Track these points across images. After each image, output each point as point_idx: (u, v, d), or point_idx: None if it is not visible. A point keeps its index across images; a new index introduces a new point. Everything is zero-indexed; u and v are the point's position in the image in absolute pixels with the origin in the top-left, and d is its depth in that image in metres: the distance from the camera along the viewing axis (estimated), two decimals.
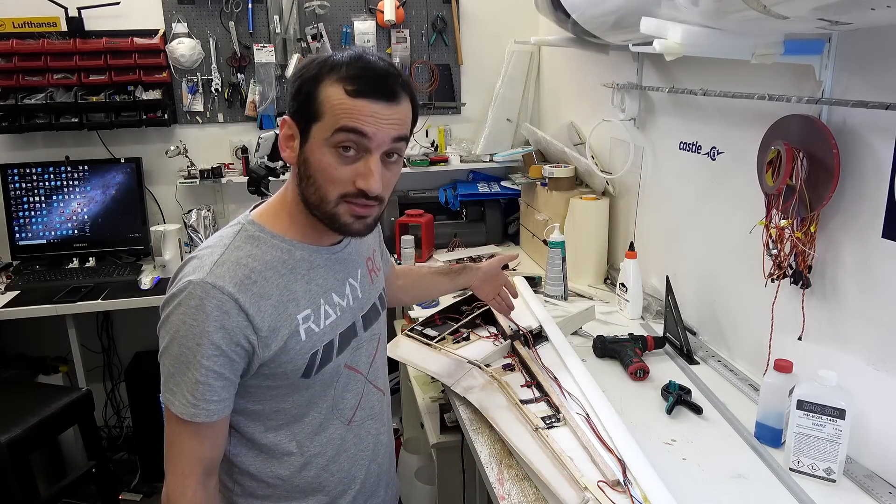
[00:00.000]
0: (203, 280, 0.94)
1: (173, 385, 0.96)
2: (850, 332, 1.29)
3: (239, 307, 0.94)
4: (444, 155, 3.01)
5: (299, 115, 0.98)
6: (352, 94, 0.94)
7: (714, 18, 1.15)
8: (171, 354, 0.96)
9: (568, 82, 2.77)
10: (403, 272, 1.57)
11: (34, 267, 2.80)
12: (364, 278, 1.16)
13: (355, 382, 1.12)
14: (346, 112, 0.94)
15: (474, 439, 1.38)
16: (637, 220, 2.16)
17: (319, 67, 0.96)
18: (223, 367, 0.95)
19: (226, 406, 0.99)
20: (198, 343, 0.93)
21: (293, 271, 1.02)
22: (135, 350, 3.05)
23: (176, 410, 0.96)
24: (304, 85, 0.97)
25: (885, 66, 1.17)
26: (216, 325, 0.93)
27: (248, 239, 1.01)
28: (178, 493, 0.98)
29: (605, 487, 1.11)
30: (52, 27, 2.70)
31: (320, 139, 0.96)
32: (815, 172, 1.28)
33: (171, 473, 0.98)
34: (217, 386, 0.96)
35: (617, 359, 1.69)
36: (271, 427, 1.06)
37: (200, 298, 0.93)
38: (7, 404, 2.26)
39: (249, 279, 0.97)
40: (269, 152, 2.68)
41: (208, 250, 0.99)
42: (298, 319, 1.01)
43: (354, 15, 2.93)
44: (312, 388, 1.06)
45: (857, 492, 1.17)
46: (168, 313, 0.96)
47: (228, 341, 0.94)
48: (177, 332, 0.95)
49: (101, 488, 2.43)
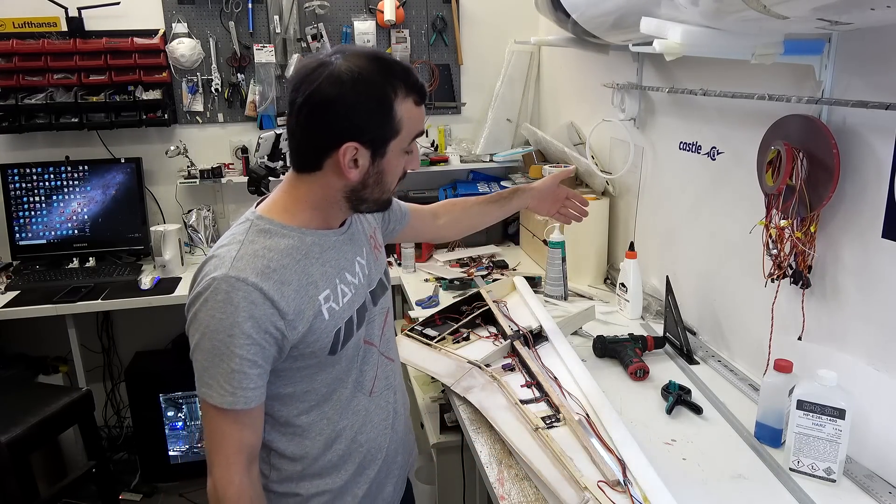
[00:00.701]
0: (226, 275, 0.98)
1: (209, 378, 0.99)
2: (850, 332, 1.29)
3: (264, 296, 0.98)
4: (444, 155, 3.01)
5: (371, 135, 1.02)
6: (418, 102, 1.05)
7: (714, 18, 1.15)
8: (204, 350, 0.99)
9: (568, 82, 2.77)
10: (445, 209, 1.59)
11: (34, 267, 2.80)
12: (370, 255, 1.21)
13: (371, 355, 1.18)
14: (417, 121, 1.06)
15: (474, 439, 1.38)
16: (637, 220, 2.16)
17: (385, 87, 1.00)
18: (256, 356, 0.99)
19: (261, 392, 1.03)
20: (229, 335, 0.97)
21: (307, 256, 1.06)
22: (135, 350, 3.05)
23: (215, 402, 0.99)
24: (375, 108, 1.00)
25: (885, 66, 1.17)
26: (245, 315, 0.97)
27: (260, 232, 1.05)
28: (226, 482, 1.01)
29: (605, 487, 1.11)
30: (52, 27, 2.70)
31: (398, 150, 1.06)
32: (815, 172, 1.28)
33: (217, 464, 1.02)
34: (252, 374, 0.99)
35: (617, 359, 1.69)
36: (304, 409, 1.10)
37: (227, 292, 0.97)
38: (7, 404, 2.26)
39: (269, 268, 1.01)
40: (269, 152, 2.67)
41: (224, 248, 1.03)
42: (320, 300, 1.06)
43: (354, 15, 2.93)
44: (339, 364, 1.11)
45: (857, 492, 1.17)
46: (195, 311, 1.00)
47: (258, 329, 0.98)
48: (207, 327, 0.98)
49: (101, 488, 2.43)
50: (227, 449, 1.02)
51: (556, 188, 1.64)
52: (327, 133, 1.01)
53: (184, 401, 2.88)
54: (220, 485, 1.01)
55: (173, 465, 2.93)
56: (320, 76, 0.98)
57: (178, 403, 2.88)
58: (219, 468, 1.02)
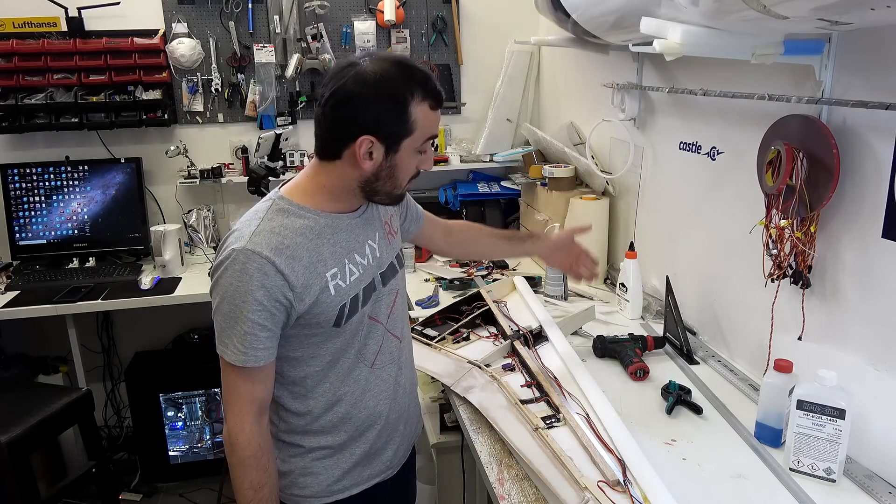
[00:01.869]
0: (244, 247, 1.10)
1: (225, 338, 1.13)
2: (850, 332, 1.29)
3: (276, 269, 1.10)
4: (444, 155, 3.01)
5: (386, 132, 1.11)
6: (433, 107, 1.14)
7: (714, 18, 1.15)
8: (222, 312, 1.12)
9: (568, 82, 2.77)
10: (458, 228, 1.68)
11: (34, 267, 2.80)
12: (382, 240, 1.30)
13: (376, 331, 1.27)
14: (432, 124, 1.14)
15: (474, 439, 1.38)
16: (637, 220, 2.16)
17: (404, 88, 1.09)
18: (266, 321, 1.11)
19: (270, 353, 1.15)
20: (244, 301, 1.09)
21: (319, 236, 1.17)
22: (135, 350, 3.05)
23: (230, 359, 1.12)
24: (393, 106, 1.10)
25: (885, 66, 1.17)
26: (258, 284, 1.09)
27: (279, 212, 1.16)
28: (238, 430, 1.15)
29: (605, 487, 1.11)
30: (52, 27, 2.70)
31: (411, 149, 1.14)
32: (815, 172, 1.28)
33: (230, 414, 1.16)
34: (262, 336, 1.12)
35: (617, 359, 1.69)
36: (309, 373, 1.22)
37: (243, 263, 1.09)
38: (7, 404, 2.26)
39: (283, 244, 1.12)
40: (269, 152, 2.68)
41: (246, 223, 1.16)
42: (327, 277, 1.16)
43: (354, 15, 2.93)
44: (343, 336, 1.21)
45: (857, 492, 1.17)
46: (217, 278, 1.13)
47: (269, 298, 1.10)
48: (225, 292, 1.11)
49: (101, 488, 2.43)
50: (240, 400, 1.15)
51: (571, 244, 1.68)
52: (347, 125, 1.11)
53: (184, 401, 2.88)
54: (233, 431, 1.15)
55: (173, 465, 2.93)
56: (348, 74, 1.09)
57: (178, 403, 2.88)
58: (232, 417, 1.15)
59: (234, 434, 1.15)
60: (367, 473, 1.31)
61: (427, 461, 1.91)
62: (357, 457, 1.28)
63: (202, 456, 2.96)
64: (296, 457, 1.26)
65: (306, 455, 1.26)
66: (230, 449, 1.16)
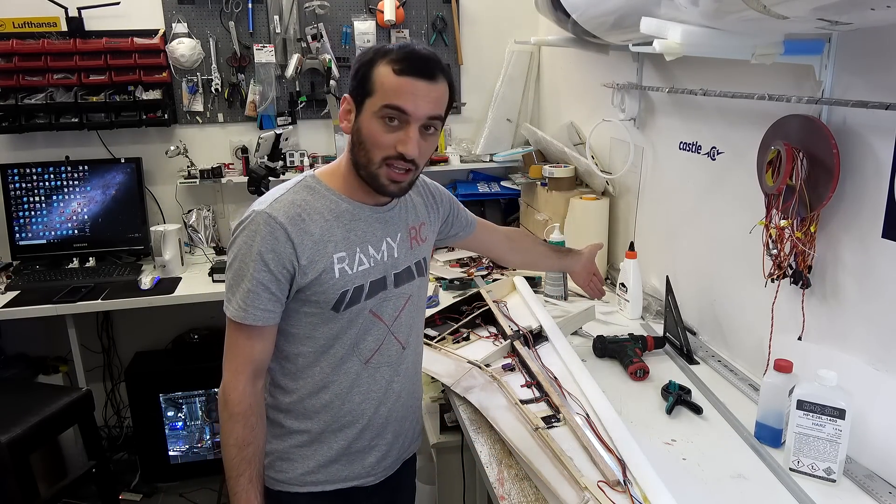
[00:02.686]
0: (263, 210, 1.15)
1: (230, 294, 1.17)
2: (850, 332, 1.29)
3: (287, 236, 1.14)
4: (444, 155, 3.01)
5: (357, 92, 1.16)
6: (398, 72, 1.12)
7: (714, 18, 1.15)
8: (233, 269, 1.16)
9: (568, 82, 2.77)
10: (518, 235, 1.78)
11: (34, 267, 2.80)
12: (403, 242, 1.30)
13: (377, 328, 1.27)
14: (392, 89, 1.12)
15: (474, 439, 1.38)
16: (637, 220, 2.16)
17: (375, 53, 1.15)
18: (270, 283, 1.15)
19: (271, 316, 1.17)
20: (252, 259, 1.14)
21: (337, 219, 1.20)
22: (135, 350, 3.05)
23: (231, 314, 1.16)
24: (361, 67, 1.16)
25: (885, 66, 1.17)
26: (268, 246, 1.13)
27: (306, 188, 1.21)
28: (232, 387, 1.18)
29: (605, 487, 1.11)
30: (52, 27, 2.70)
31: (370, 111, 1.14)
32: (815, 172, 1.28)
33: (227, 371, 1.19)
34: (264, 296, 1.15)
35: (617, 359, 1.69)
36: (303, 352, 1.24)
37: (258, 224, 1.14)
38: (7, 404, 2.26)
39: (299, 217, 1.16)
40: (269, 152, 2.68)
41: (275, 190, 1.21)
42: (334, 259, 1.18)
43: (354, 15, 2.93)
44: (339, 323, 1.22)
45: (857, 492, 1.17)
46: (235, 236, 1.18)
47: (276, 262, 1.14)
48: (238, 250, 1.15)
49: (101, 488, 2.43)
50: (238, 358, 1.18)
51: (594, 262, 1.84)
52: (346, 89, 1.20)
53: (184, 401, 2.88)
54: (227, 387, 1.18)
55: (173, 465, 2.93)
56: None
57: (178, 403, 2.88)
58: (228, 373, 1.18)
59: (228, 390, 1.18)
60: (345, 474, 1.29)
61: (427, 461, 1.91)
62: (335, 452, 1.27)
63: (202, 456, 2.96)
64: (277, 438, 1.27)
65: (287, 438, 1.27)
66: (222, 405, 1.19)
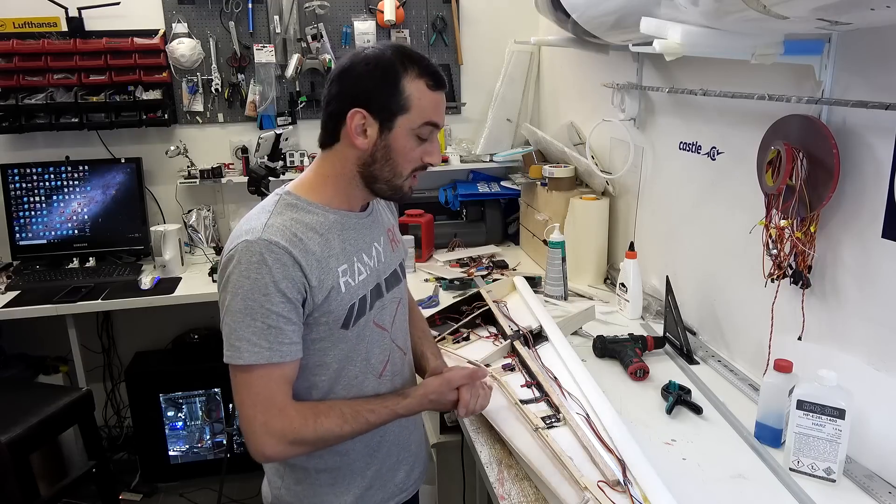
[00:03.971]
0: (260, 238, 1.04)
1: (236, 340, 1.03)
2: (850, 332, 1.29)
3: (294, 260, 1.05)
4: (444, 155, 3.01)
5: (379, 106, 1.07)
6: (432, 87, 1.09)
7: (714, 18, 1.15)
8: (235, 311, 1.03)
9: (568, 82, 2.77)
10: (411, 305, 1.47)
11: (34, 267, 2.80)
12: (386, 245, 1.26)
13: (382, 339, 1.22)
14: (430, 106, 1.09)
15: (474, 439, 1.38)
16: (637, 220, 2.16)
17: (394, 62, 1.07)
18: (290, 313, 1.05)
19: (298, 349, 1.07)
20: (264, 294, 1.02)
21: (330, 231, 1.13)
22: (135, 350, 3.05)
23: (248, 360, 1.02)
24: (383, 79, 1.07)
25: (885, 66, 1.17)
26: (280, 275, 1.03)
27: (287, 206, 1.11)
28: (288, 426, 1.04)
29: (605, 487, 1.11)
30: (53, 27, 2.70)
31: (406, 128, 1.09)
32: (814, 172, 1.28)
33: (274, 419, 1.03)
34: (288, 330, 1.05)
35: (617, 359, 1.69)
36: (315, 383, 1.14)
37: (260, 254, 1.03)
38: (7, 404, 2.25)
39: (296, 237, 1.07)
40: (269, 152, 2.68)
41: (255, 217, 1.10)
42: (339, 273, 1.12)
43: (354, 15, 2.93)
44: (349, 341, 1.15)
45: (857, 492, 1.17)
46: (228, 274, 1.05)
47: (292, 289, 1.04)
48: (240, 287, 1.03)
49: (101, 488, 2.43)
50: (276, 400, 1.04)
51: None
52: (340, 101, 1.09)
53: (184, 401, 2.88)
54: (288, 433, 1.04)
55: (173, 465, 2.93)
56: (347, 57, 1.10)
57: (178, 403, 2.88)
58: (277, 421, 1.03)
59: (289, 429, 1.04)
60: (380, 496, 1.23)
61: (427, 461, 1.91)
62: (368, 479, 1.21)
63: (202, 456, 2.96)
64: (301, 484, 1.18)
65: (313, 481, 1.17)
66: (297, 445, 1.06)
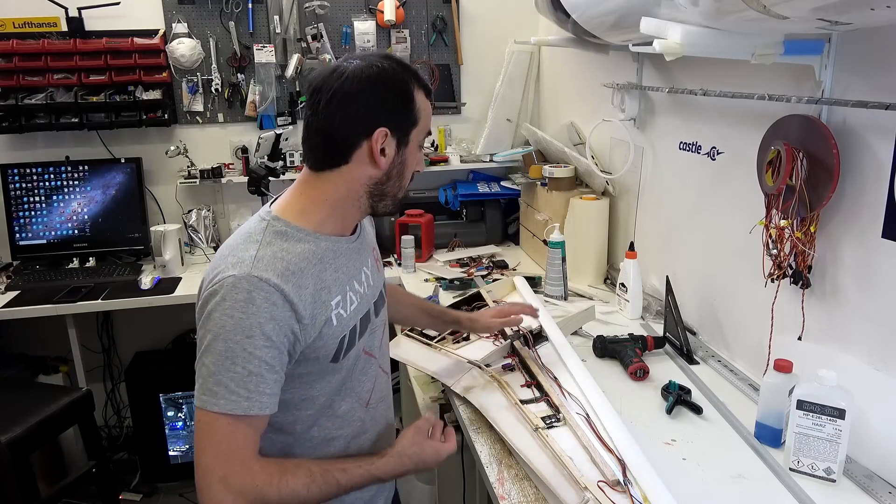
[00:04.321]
0: (249, 273, 0.96)
1: (214, 385, 0.95)
2: (850, 332, 1.29)
3: (284, 298, 0.97)
4: (444, 155, 3.01)
5: (398, 123, 1.05)
6: (428, 97, 1.09)
7: (714, 18, 1.15)
8: (215, 352, 0.95)
9: (568, 82, 2.77)
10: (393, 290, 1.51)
11: (34, 267, 2.80)
12: (373, 267, 1.22)
13: (370, 366, 1.18)
14: (429, 115, 1.09)
15: (474, 439, 1.38)
16: (637, 220, 2.16)
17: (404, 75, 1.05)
18: (274, 360, 0.97)
19: (274, 402, 0.99)
20: (248, 336, 0.94)
21: (322, 261, 1.05)
22: (135, 350, 3.05)
23: (222, 408, 0.94)
24: (399, 94, 1.04)
25: (885, 66, 1.17)
26: (267, 316, 0.95)
27: (277, 234, 1.03)
28: (250, 483, 0.95)
29: (605, 487, 1.11)
30: (53, 27, 2.70)
31: (417, 141, 1.09)
32: (814, 172, 1.28)
33: (235, 474, 0.95)
34: (269, 378, 0.96)
35: (617, 359, 1.69)
36: (299, 417, 1.08)
37: (248, 291, 0.95)
38: (7, 404, 2.25)
39: (288, 270, 0.99)
40: (269, 152, 2.68)
41: (241, 247, 1.01)
42: (332, 305, 1.05)
43: (354, 15, 2.93)
44: (339, 373, 1.09)
45: (857, 492, 1.17)
46: (210, 310, 0.96)
47: (278, 332, 0.96)
48: (222, 327, 0.95)
49: (101, 488, 2.43)
50: (241, 453, 0.96)
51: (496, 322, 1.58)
52: (357, 123, 1.02)
53: (184, 401, 2.88)
54: (247, 491, 0.95)
55: (173, 465, 2.93)
56: (342, 76, 1.02)
57: (178, 403, 2.88)
58: (239, 477, 0.95)
59: (251, 486, 0.95)
60: None
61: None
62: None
63: None
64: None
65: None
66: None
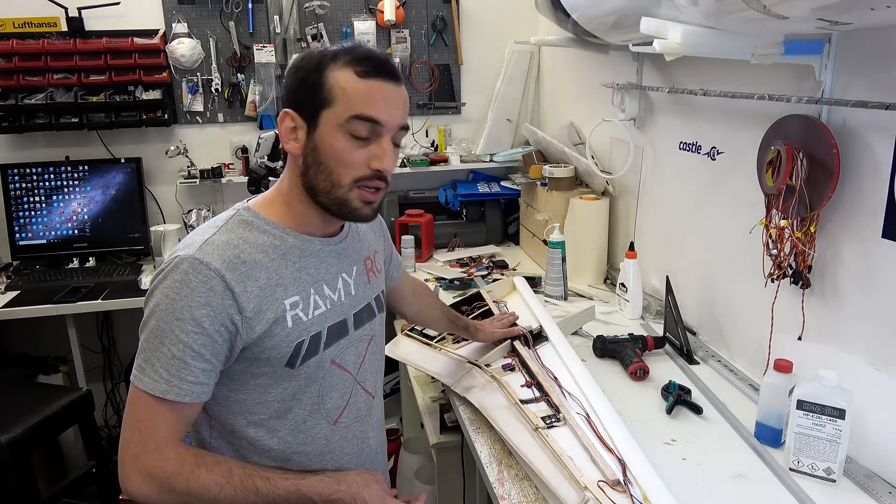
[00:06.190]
0: (191, 255, 0.94)
1: (144, 362, 0.94)
2: (850, 332, 1.29)
3: (225, 285, 0.94)
4: (444, 155, 3.01)
5: (304, 104, 0.98)
6: (362, 74, 0.96)
7: (714, 18, 1.15)
8: (148, 329, 0.95)
9: (568, 82, 2.77)
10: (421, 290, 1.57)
11: (34, 267, 2.80)
12: (360, 276, 1.15)
13: (343, 381, 1.11)
14: (359, 96, 0.96)
15: (474, 439, 1.38)
16: (637, 220, 2.16)
17: (322, 56, 0.98)
18: (203, 348, 0.93)
19: (202, 390, 0.95)
20: (178, 318, 0.92)
21: (284, 257, 1.02)
22: (135, 350, 3.04)
23: (145, 386, 0.93)
24: (307, 75, 0.98)
25: (885, 66, 1.17)
26: (201, 300, 0.92)
27: (241, 223, 1.02)
28: (161, 464, 0.92)
29: (605, 487, 1.11)
30: (53, 27, 2.70)
31: (333, 125, 0.97)
32: (814, 172, 1.28)
33: (146, 452, 0.92)
34: (194, 366, 0.93)
35: (617, 359, 1.69)
36: (253, 421, 1.03)
37: (186, 273, 0.93)
38: (7, 404, 2.25)
39: (238, 259, 0.97)
40: (269, 152, 2.68)
41: (201, 231, 1.02)
42: (286, 305, 1.00)
43: (354, 15, 2.93)
44: (297, 381, 1.04)
45: (857, 492, 1.17)
46: (153, 287, 0.96)
47: (212, 320, 0.93)
48: (157, 305, 0.94)
49: (101, 488, 2.43)
50: (157, 434, 0.93)
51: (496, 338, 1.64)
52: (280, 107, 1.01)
53: None
54: (155, 471, 0.92)
55: None
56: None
57: None
58: (150, 458, 0.92)
59: (159, 470, 0.91)
60: None
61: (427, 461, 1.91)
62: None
63: None
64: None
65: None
66: (163, 491, 0.92)
